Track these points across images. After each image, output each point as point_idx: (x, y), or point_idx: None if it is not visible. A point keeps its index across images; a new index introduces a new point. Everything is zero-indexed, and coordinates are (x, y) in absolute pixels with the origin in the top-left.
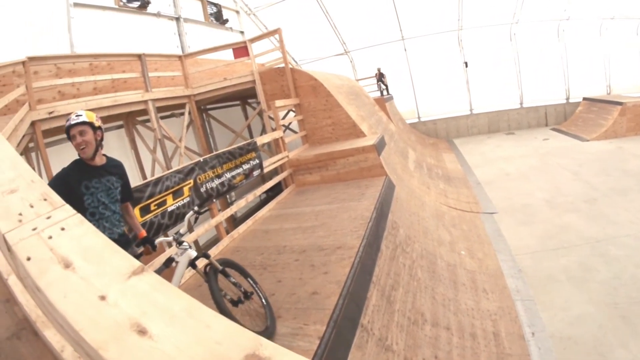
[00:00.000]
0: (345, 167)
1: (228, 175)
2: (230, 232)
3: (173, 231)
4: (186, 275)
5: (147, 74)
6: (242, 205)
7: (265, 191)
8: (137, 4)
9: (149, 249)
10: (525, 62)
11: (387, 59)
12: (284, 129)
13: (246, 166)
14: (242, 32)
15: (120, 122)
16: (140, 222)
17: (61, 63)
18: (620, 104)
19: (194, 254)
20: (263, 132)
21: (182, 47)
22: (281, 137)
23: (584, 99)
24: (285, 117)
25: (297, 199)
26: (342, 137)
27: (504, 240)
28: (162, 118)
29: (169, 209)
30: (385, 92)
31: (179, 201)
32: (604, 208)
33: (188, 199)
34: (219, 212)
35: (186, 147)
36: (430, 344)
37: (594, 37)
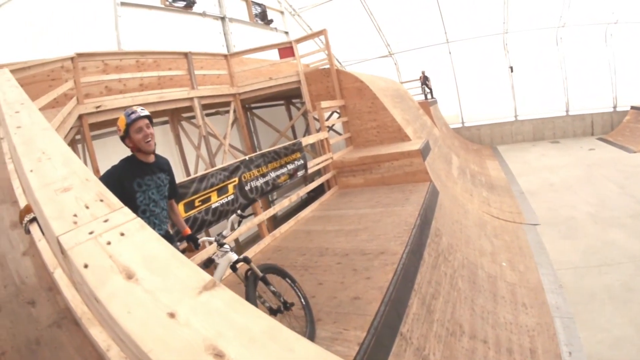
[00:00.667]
0: (390, 170)
1: (272, 175)
2: (271, 231)
3: (215, 231)
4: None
5: (193, 72)
6: (285, 205)
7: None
8: (182, 3)
9: (191, 246)
10: (571, 68)
11: (431, 62)
12: (328, 130)
13: (291, 166)
14: (286, 32)
15: (166, 118)
16: (183, 217)
17: (108, 59)
18: None
19: (234, 257)
20: (306, 132)
21: (227, 46)
22: (326, 138)
23: (632, 107)
24: (329, 119)
25: (340, 200)
26: (386, 140)
27: (545, 253)
28: (207, 115)
29: (213, 205)
30: (429, 96)
31: (223, 198)
32: None
33: (232, 196)
34: (262, 210)
35: (230, 145)
36: (467, 356)
37: None
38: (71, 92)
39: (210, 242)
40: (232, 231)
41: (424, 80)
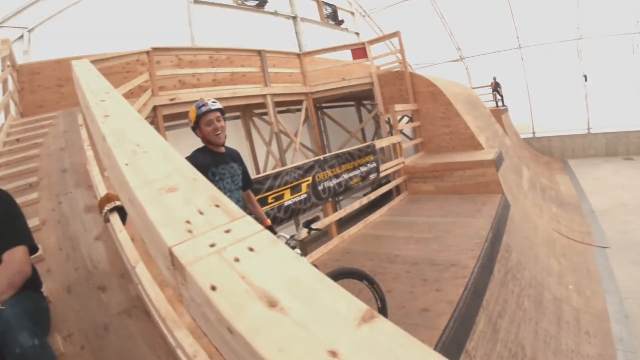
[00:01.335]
0: (462, 179)
1: (345, 176)
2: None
3: (287, 232)
4: None
5: (267, 70)
6: (355, 207)
7: (367, 194)
8: (254, 2)
9: None
10: None
11: (502, 67)
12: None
13: (363, 168)
14: (357, 33)
15: (237, 114)
16: None
17: (182, 54)
18: None
19: None
20: (375, 135)
21: (299, 46)
22: (399, 142)
23: None
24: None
25: (410, 207)
26: (458, 147)
27: (614, 279)
28: (279, 113)
29: (286, 203)
30: (500, 103)
31: (296, 197)
32: None
33: (305, 195)
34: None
35: (300, 143)
36: None
37: None
38: (146, 85)
39: (285, 239)
40: (301, 239)
41: (495, 87)
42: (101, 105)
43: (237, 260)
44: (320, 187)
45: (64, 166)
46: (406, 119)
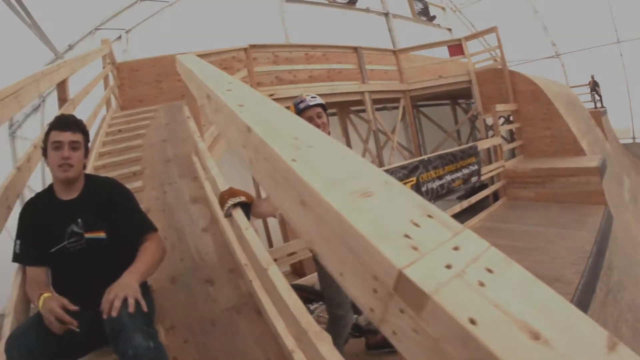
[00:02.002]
0: (565, 187)
1: (448, 178)
2: None
3: None
4: None
5: (364, 66)
6: (456, 210)
7: (460, 197)
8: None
9: None
10: None
11: (598, 64)
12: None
13: (465, 171)
14: (449, 29)
15: (334, 110)
16: None
17: (279, 51)
18: None
19: None
20: (470, 135)
21: (392, 42)
22: (500, 144)
23: None
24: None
25: (509, 214)
26: (559, 152)
27: None
28: (376, 110)
29: None
30: (599, 104)
31: None
32: None
33: None
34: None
35: (397, 142)
36: None
37: None
38: (244, 80)
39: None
40: None
41: (594, 86)
42: (230, 95)
43: (481, 284)
44: (423, 189)
45: (167, 156)
46: (502, 119)
